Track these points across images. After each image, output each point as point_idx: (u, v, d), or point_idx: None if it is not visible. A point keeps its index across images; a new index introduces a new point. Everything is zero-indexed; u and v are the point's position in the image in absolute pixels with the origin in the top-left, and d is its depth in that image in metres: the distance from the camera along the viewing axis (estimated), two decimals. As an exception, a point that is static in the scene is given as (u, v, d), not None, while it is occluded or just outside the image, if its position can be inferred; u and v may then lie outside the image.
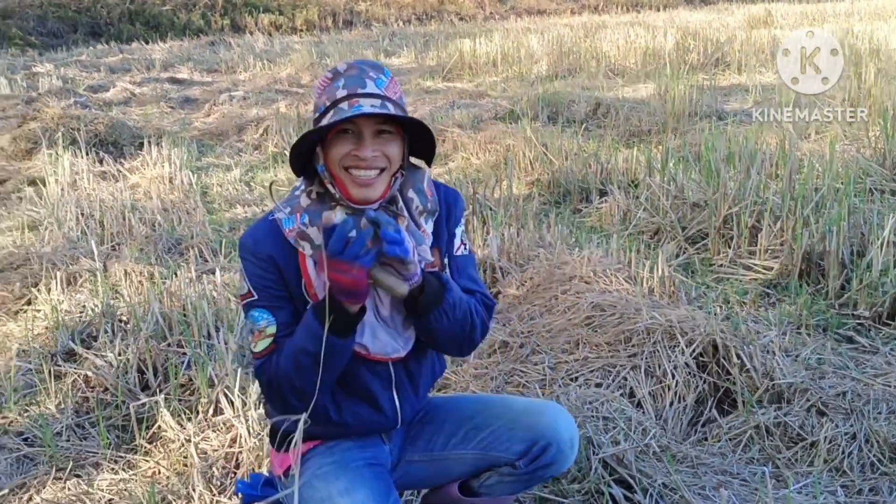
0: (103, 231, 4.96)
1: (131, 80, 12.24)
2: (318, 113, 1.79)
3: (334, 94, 1.77)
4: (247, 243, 1.82)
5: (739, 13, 19.58)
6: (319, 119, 1.77)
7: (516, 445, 1.99)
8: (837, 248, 3.78)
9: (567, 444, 2.00)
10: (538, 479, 2.05)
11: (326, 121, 1.73)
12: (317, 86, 1.84)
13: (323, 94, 1.80)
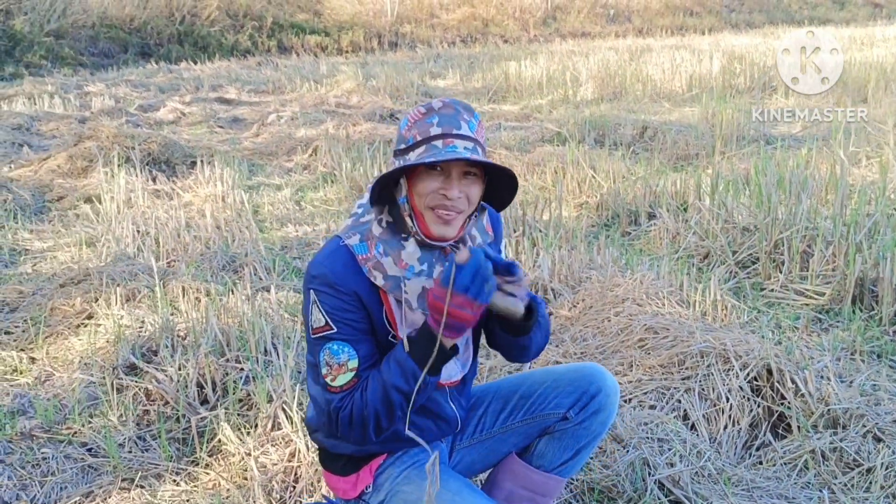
0: (158, 248, 5.08)
1: (180, 99, 12.48)
2: (405, 145, 1.82)
3: (427, 131, 1.81)
4: (324, 275, 1.82)
5: (785, 37, 19.44)
6: (407, 151, 1.81)
7: (565, 399, 2.08)
8: (892, 274, 3.77)
9: (613, 389, 2.09)
10: (589, 432, 2.10)
11: (418, 156, 1.78)
12: (407, 118, 1.87)
13: (413, 127, 1.83)
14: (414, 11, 23.90)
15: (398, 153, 1.85)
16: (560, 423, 2.10)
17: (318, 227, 5.72)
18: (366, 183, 6.54)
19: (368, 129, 9.01)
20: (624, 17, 26.26)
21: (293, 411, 2.90)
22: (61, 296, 4.28)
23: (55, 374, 3.56)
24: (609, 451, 2.64)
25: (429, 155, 1.76)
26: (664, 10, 27.35)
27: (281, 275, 4.74)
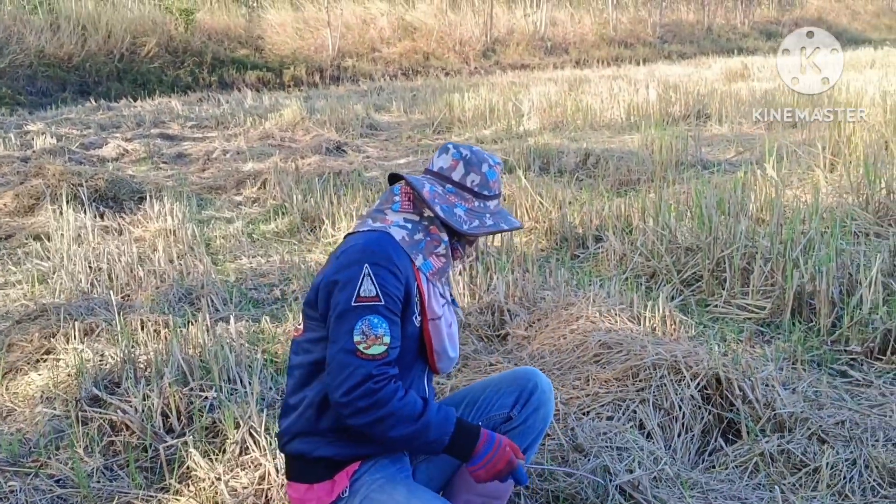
0: (112, 283, 5.09)
1: (122, 136, 12.40)
2: (489, 192, 2.23)
3: (500, 188, 2.27)
4: (384, 252, 2.04)
5: (716, 67, 20.07)
6: (488, 199, 2.22)
7: (507, 399, 2.34)
8: (827, 287, 3.97)
9: (547, 386, 2.38)
10: (532, 430, 2.35)
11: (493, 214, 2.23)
12: (494, 169, 2.25)
13: (497, 180, 2.25)
14: (355, 46, 24.09)
15: (481, 199, 2.22)
16: (505, 424, 2.33)
17: (271, 258, 5.78)
18: (318, 214, 6.61)
19: (317, 161, 9.09)
20: (561, 48, 26.81)
21: (261, 436, 2.96)
22: (18, 332, 4.27)
23: (17, 408, 3.56)
24: (571, 461, 2.76)
25: (506, 219, 2.25)
26: (600, 42, 27.98)
27: (238, 305, 4.79)
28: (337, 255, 2.11)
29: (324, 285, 2.06)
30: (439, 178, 2.23)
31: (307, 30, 24.28)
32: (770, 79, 16.27)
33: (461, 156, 2.22)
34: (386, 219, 2.17)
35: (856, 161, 6.28)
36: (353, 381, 1.96)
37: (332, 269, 2.06)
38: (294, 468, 2.17)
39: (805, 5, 39.54)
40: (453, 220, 2.16)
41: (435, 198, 2.17)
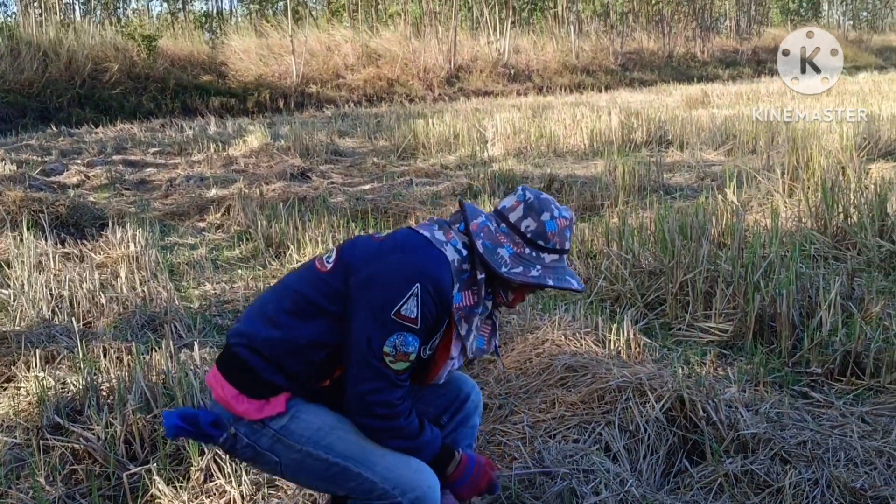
0: (73, 310, 5.02)
1: (84, 163, 12.28)
2: (545, 244, 2.17)
3: (564, 243, 2.20)
4: (438, 277, 2.07)
5: (677, 94, 20.40)
6: (543, 250, 2.17)
7: (440, 401, 2.43)
8: (788, 310, 4.03)
9: (478, 397, 2.53)
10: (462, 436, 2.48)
11: (551, 268, 2.18)
12: (556, 221, 2.17)
13: (558, 233, 2.18)
14: (319, 72, 24.14)
15: (534, 247, 2.17)
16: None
17: (235, 284, 5.75)
18: (283, 240, 6.60)
19: (282, 187, 9.07)
20: (524, 75, 27.08)
21: (226, 462, 2.94)
22: (-23, 361, 4.20)
23: (-25, 438, 3.49)
24: (538, 484, 2.76)
25: (567, 275, 2.21)
26: (562, 69, 28.31)
27: (202, 332, 4.75)
28: (394, 248, 2.13)
29: (368, 271, 2.08)
30: (498, 217, 2.22)
31: (271, 56, 24.32)
32: (729, 105, 16.57)
33: (524, 199, 2.20)
34: (450, 234, 2.18)
35: (814, 186, 6.41)
36: (376, 385, 2.05)
37: (381, 263, 2.09)
38: (234, 370, 2.15)
39: (762, 35, 40.38)
40: (492, 258, 2.14)
41: (481, 231, 2.18)
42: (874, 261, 5.19)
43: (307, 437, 2.12)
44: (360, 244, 2.20)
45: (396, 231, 2.24)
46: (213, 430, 2.13)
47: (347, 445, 2.13)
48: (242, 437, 2.12)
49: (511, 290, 2.25)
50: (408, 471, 2.15)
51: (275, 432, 2.11)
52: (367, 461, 2.13)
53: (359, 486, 2.14)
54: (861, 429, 3.17)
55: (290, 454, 2.13)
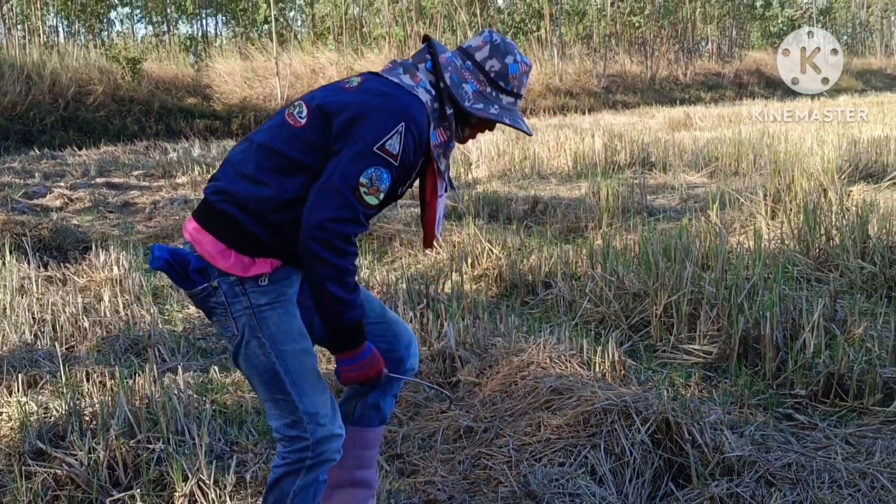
0: (56, 334, 4.99)
1: (66, 185, 12.23)
2: (505, 86, 2.32)
3: (520, 89, 2.36)
4: (421, 120, 2.18)
5: (660, 116, 20.55)
6: (501, 92, 2.32)
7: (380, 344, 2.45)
8: (771, 332, 4.05)
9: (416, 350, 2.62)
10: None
11: (505, 109, 2.33)
12: (518, 65, 2.33)
13: (518, 77, 2.33)
14: (304, 94, 24.17)
15: (495, 87, 2.31)
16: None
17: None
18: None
19: (265, 209, 9.04)
20: (508, 98, 27.18)
21: (210, 488, 2.92)
22: (-43, 385, 4.16)
23: (-45, 464, 3.45)
24: (524, 508, 2.76)
25: (513, 118, 2.33)
26: (546, 92, 28.46)
27: (186, 356, 4.73)
28: (366, 91, 2.19)
29: (352, 112, 2.14)
30: (464, 54, 2.35)
31: (256, 79, 24.35)
32: (712, 128, 16.70)
33: (491, 40, 2.34)
34: (417, 76, 2.27)
35: (796, 209, 6.46)
36: (342, 214, 2.09)
37: (365, 103, 2.15)
38: (221, 227, 2.20)
39: (744, 58, 40.77)
40: (457, 91, 2.28)
41: (449, 66, 2.30)
42: (856, 282, 5.23)
43: (272, 331, 2.20)
44: (331, 92, 2.26)
45: (364, 78, 2.28)
46: (196, 276, 2.19)
47: (296, 363, 2.22)
48: (221, 293, 2.19)
49: (469, 126, 2.39)
50: (326, 411, 2.25)
51: (249, 305, 2.19)
52: (303, 387, 2.22)
53: (281, 402, 2.23)
54: (845, 451, 3.18)
55: (249, 336, 2.20)
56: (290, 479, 2.25)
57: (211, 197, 2.24)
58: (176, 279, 2.24)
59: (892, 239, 5.68)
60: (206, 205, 2.25)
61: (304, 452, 2.23)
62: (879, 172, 9.69)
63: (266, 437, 3.55)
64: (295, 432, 2.23)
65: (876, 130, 13.43)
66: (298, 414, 2.22)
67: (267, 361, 2.20)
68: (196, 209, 2.29)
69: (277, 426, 2.26)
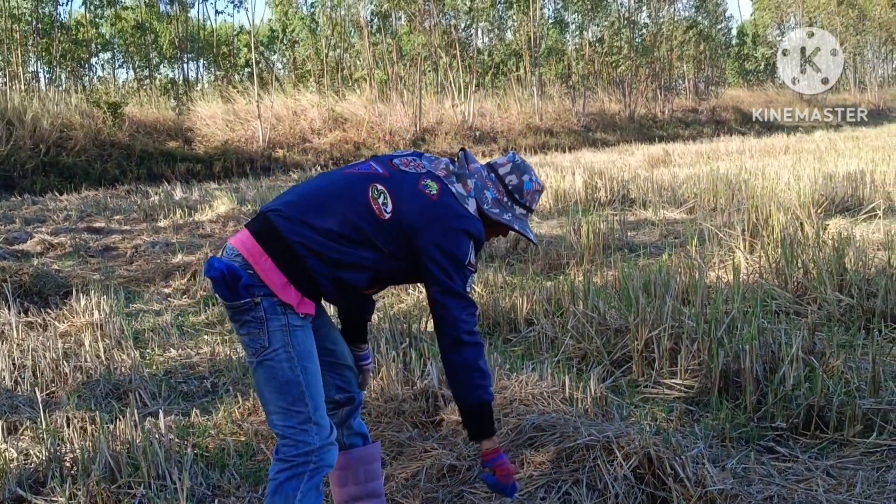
0: (36, 380, 4.95)
1: (47, 231, 12.19)
2: (521, 199, 2.77)
3: (532, 205, 2.82)
4: (480, 233, 2.64)
5: (639, 153, 20.76)
6: (515, 204, 2.77)
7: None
8: (751, 365, 4.08)
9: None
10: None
11: (517, 219, 2.78)
12: (534, 183, 2.80)
13: (531, 193, 2.80)
14: (286, 137, 24.30)
15: (511, 198, 2.77)
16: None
17: (202, 350, 5.70)
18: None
19: (248, 252, 9.03)
20: (489, 137, 27.44)
21: (191, 532, 2.90)
22: (-65, 433, 4.11)
23: (-67, 514, 3.41)
24: (508, 546, 2.75)
25: (522, 226, 2.79)
26: (526, 130, 28.74)
27: (167, 399, 4.70)
28: (445, 206, 2.58)
29: (438, 235, 2.54)
30: (489, 168, 2.80)
31: (237, 121, 24.46)
32: (690, 164, 16.88)
33: (513, 160, 2.80)
34: (468, 186, 2.68)
35: (774, 243, 6.53)
36: (472, 310, 2.63)
37: (447, 228, 2.56)
38: (291, 264, 2.47)
39: (721, 95, 41.35)
40: (479, 196, 2.71)
41: (475, 174, 2.73)
42: (834, 315, 5.28)
43: (300, 349, 2.48)
44: (412, 200, 2.57)
45: (441, 189, 2.63)
46: (244, 292, 2.43)
47: (314, 380, 2.52)
48: (262, 309, 2.44)
49: (486, 226, 2.74)
50: (328, 425, 2.56)
51: (287, 324, 2.46)
52: (316, 400, 2.51)
53: (295, 412, 2.48)
54: (826, 482, 3.20)
55: (279, 349, 2.46)
56: (295, 483, 2.48)
57: (290, 235, 2.48)
58: (222, 290, 2.44)
59: (868, 271, 5.75)
60: (282, 240, 2.48)
61: (308, 456, 2.49)
62: (855, 206, 9.82)
63: (248, 480, 3.53)
64: (303, 437, 2.49)
65: (851, 165, 13.63)
66: (310, 424, 2.49)
67: (292, 374, 2.47)
68: (261, 230, 2.51)
69: (286, 430, 2.50)
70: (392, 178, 2.61)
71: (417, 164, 2.70)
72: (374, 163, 2.70)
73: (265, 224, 2.52)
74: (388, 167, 2.66)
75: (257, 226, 2.54)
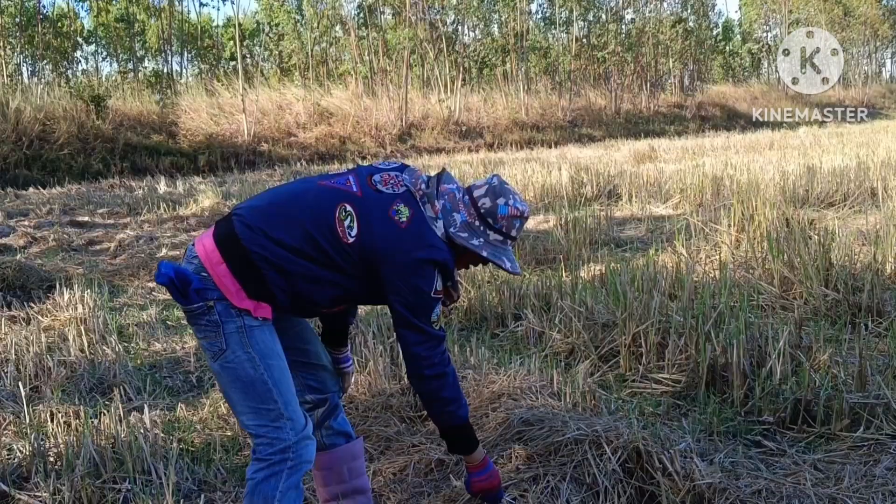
0: (20, 374, 4.90)
1: (31, 225, 12.09)
2: (494, 224, 2.61)
3: (510, 232, 2.66)
4: (446, 261, 2.53)
5: (625, 149, 20.78)
6: (489, 229, 2.61)
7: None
8: (739, 360, 4.08)
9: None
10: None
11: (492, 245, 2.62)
12: (508, 207, 2.62)
13: (507, 218, 2.62)
14: (271, 131, 24.18)
15: (483, 222, 2.61)
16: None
17: (187, 344, 5.66)
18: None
19: (233, 246, 8.98)
20: (475, 132, 27.41)
21: (175, 528, 2.87)
22: (-83, 428, 4.06)
23: (-85, 510, 3.37)
24: (497, 540, 2.74)
25: (504, 256, 2.66)
26: (513, 126, 28.72)
27: (152, 394, 4.67)
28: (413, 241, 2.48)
29: (399, 265, 2.46)
30: (466, 191, 2.67)
31: (222, 115, 24.32)
32: (676, 160, 16.91)
33: (490, 182, 2.66)
34: (435, 207, 2.56)
35: (759, 238, 6.54)
36: (432, 344, 2.55)
37: (409, 259, 2.46)
38: (245, 271, 2.41)
39: (706, 91, 41.46)
40: (447, 217, 2.58)
41: (446, 194, 2.61)
42: (820, 309, 5.30)
43: (260, 348, 2.43)
44: (379, 226, 2.48)
45: (412, 214, 2.53)
46: (195, 296, 2.38)
47: (281, 376, 2.47)
48: (216, 313, 2.40)
49: (457, 253, 2.64)
50: (302, 419, 2.51)
51: (242, 326, 2.41)
52: (286, 396, 2.47)
53: (265, 410, 2.45)
54: (814, 476, 3.20)
55: (238, 350, 2.41)
56: (273, 482, 2.45)
57: (242, 236, 2.42)
58: (175, 295, 2.40)
59: (854, 266, 5.77)
60: (241, 248, 2.42)
61: (285, 453, 2.46)
62: (840, 201, 9.87)
63: (234, 474, 3.51)
64: (277, 433, 2.45)
65: (836, 160, 13.68)
66: (282, 420, 2.45)
67: (255, 373, 2.42)
68: (222, 237, 2.46)
69: (259, 429, 2.47)
70: (364, 200, 2.51)
71: (398, 181, 2.58)
72: (352, 177, 2.59)
73: (228, 229, 2.46)
74: (364, 186, 2.55)
75: (222, 229, 2.49)
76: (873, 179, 10.98)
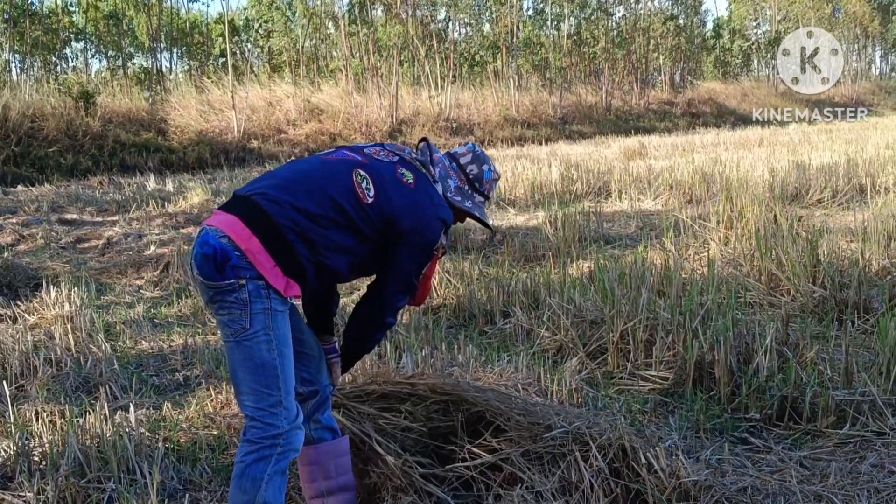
0: (5, 373, 4.87)
1: (18, 222, 12.03)
2: (480, 188, 2.94)
3: (491, 192, 3.00)
4: (449, 224, 2.80)
5: (615, 146, 20.80)
6: (476, 192, 2.94)
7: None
8: (726, 356, 4.09)
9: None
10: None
11: (477, 206, 2.94)
12: (492, 173, 2.97)
13: (489, 182, 2.97)
14: (261, 128, 24.11)
15: (473, 187, 2.93)
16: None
17: (174, 342, 5.64)
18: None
19: (221, 243, 8.94)
20: (466, 129, 27.39)
21: (161, 527, 2.86)
22: None
23: None
24: (482, 539, 2.73)
25: (481, 213, 2.95)
26: (503, 123, 28.70)
27: (138, 393, 4.64)
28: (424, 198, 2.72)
29: (413, 221, 2.66)
30: (451, 157, 2.97)
31: (212, 112, 24.23)
32: (666, 157, 16.94)
33: (474, 150, 2.97)
34: (432, 173, 2.83)
35: (748, 235, 6.55)
36: (406, 298, 2.81)
37: (421, 214, 2.68)
38: (281, 249, 2.50)
39: (697, 88, 41.51)
40: (444, 184, 2.86)
41: (439, 163, 2.90)
42: (808, 307, 5.31)
43: (279, 333, 2.52)
44: (392, 188, 2.68)
45: (416, 179, 2.76)
46: (230, 272, 2.45)
47: (289, 365, 2.57)
48: (246, 291, 2.47)
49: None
50: (295, 410, 2.60)
51: (269, 308, 2.49)
52: (288, 385, 2.55)
53: (267, 394, 2.51)
54: (800, 473, 3.21)
55: (259, 331, 2.49)
56: (262, 465, 2.51)
57: (279, 219, 2.51)
58: (209, 268, 2.46)
59: (841, 263, 5.79)
60: (272, 224, 2.50)
61: (276, 439, 2.52)
62: (828, 198, 9.89)
63: (220, 474, 3.49)
64: (272, 419, 2.52)
65: (825, 157, 13.73)
66: (279, 408, 2.53)
67: (269, 357, 2.50)
68: (249, 214, 2.52)
69: (256, 412, 2.53)
70: (371, 166, 2.71)
71: (388, 152, 2.81)
72: (347, 151, 2.78)
73: (253, 207, 2.53)
74: (363, 155, 2.76)
75: (244, 209, 2.54)
76: (861, 176, 11.01)
